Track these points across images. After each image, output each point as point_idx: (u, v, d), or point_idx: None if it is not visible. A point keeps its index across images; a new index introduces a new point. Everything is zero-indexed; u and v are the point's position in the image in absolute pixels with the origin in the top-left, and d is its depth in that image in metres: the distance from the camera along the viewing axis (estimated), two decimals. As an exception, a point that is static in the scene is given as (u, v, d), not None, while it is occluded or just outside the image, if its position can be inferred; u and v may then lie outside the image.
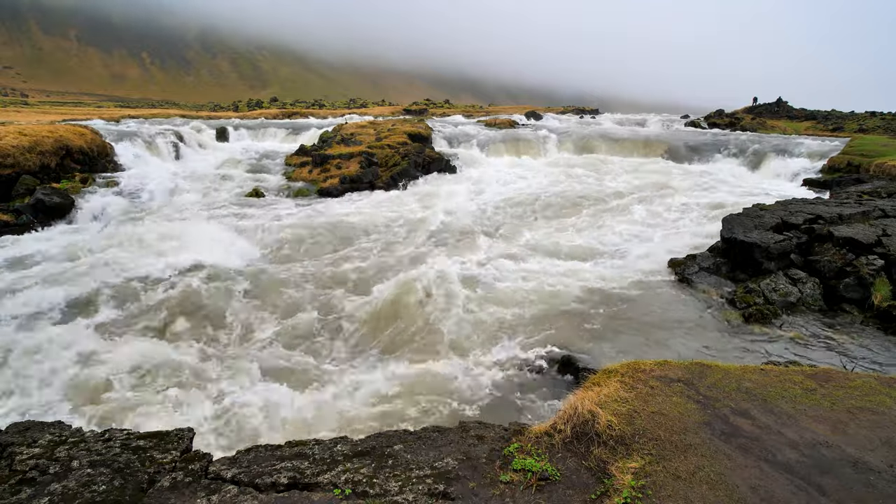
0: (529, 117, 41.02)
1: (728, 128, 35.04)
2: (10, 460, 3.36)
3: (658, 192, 17.02)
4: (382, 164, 19.83)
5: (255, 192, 16.81)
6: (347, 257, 11.13)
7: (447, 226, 13.31)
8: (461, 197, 16.63)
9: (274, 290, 9.26)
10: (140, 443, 3.61)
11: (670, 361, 4.56)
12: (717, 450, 3.34)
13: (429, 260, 10.64)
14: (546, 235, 12.75)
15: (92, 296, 8.59)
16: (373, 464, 3.37)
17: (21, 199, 13.81)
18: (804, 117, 37.33)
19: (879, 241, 8.40)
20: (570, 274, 9.74)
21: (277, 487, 3.16)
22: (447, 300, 8.51)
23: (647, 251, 11.12)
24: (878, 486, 3.06)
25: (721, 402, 3.89)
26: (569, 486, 3.16)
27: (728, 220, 10.27)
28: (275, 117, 36.60)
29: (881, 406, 3.87)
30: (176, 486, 3.15)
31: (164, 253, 10.44)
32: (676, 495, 2.97)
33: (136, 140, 20.73)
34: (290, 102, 74.71)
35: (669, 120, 40.86)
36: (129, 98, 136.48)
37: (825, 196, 14.66)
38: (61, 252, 10.61)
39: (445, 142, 25.21)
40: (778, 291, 8.11)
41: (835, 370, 4.54)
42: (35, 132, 16.08)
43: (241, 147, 24.61)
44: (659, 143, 25.15)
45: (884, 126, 30.49)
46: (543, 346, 6.94)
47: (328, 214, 14.18)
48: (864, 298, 7.75)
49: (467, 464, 3.37)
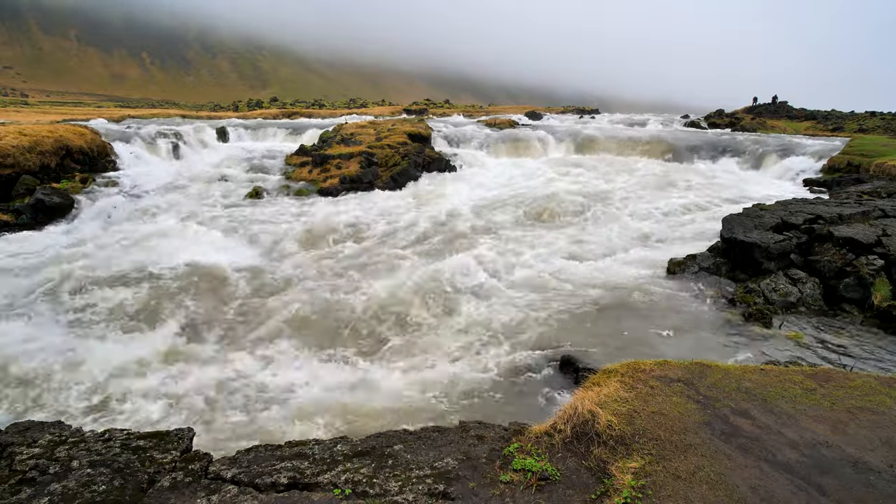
0: (530, 117, 41.01)
1: (728, 128, 35.01)
2: (10, 460, 3.36)
3: (658, 192, 17.01)
4: (382, 163, 19.83)
5: (255, 192, 16.80)
6: (347, 257, 11.13)
7: (447, 225, 13.31)
8: (461, 197, 16.62)
9: (274, 290, 9.26)
10: (140, 443, 3.60)
11: (670, 361, 4.56)
12: (717, 450, 3.34)
13: (428, 260, 10.64)
14: (546, 235, 12.75)
15: (92, 295, 8.60)
16: (373, 464, 3.37)
17: (21, 199, 13.81)
18: (804, 117, 37.30)
19: (879, 241, 8.39)
20: (569, 273, 9.73)
21: (277, 487, 3.16)
22: (447, 300, 8.51)
23: (647, 251, 11.12)
24: (878, 486, 3.06)
25: (721, 402, 3.89)
26: (569, 485, 3.16)
27: (728, 220, 10.27)
28: (275, 117, 36.59)
29: (881, 406, 3.87)
30: (176, 486, 3.15)
31: (163, 252, 10.44)
32: (676, 495, 2.97)
33: (136, 140, 20.74)
34: (290, 102, 74.68)
35: (669, 120, 40.82)
36: (129, 98, 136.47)
37: (825, 196, 14.66)
38: (61, 251, 10.61)
39: (445, 142, 25.21)
40: (778, 291, 8.11)
41: (835, 370, 4.54)
42: (35, 132, 16.08)
43: (241, 147, 24.59)
44: (659, 143, 25.12)
45: (884, 126, 30.48)
46: (543, 346, 6.94)
47: (328, 214, 14.17)
48: (864, 298, 7.75)
49: (467, 464, 3.37)
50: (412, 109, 50.71)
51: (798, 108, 39.97)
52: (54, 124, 18.44)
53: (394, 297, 8.69)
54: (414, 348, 7.40)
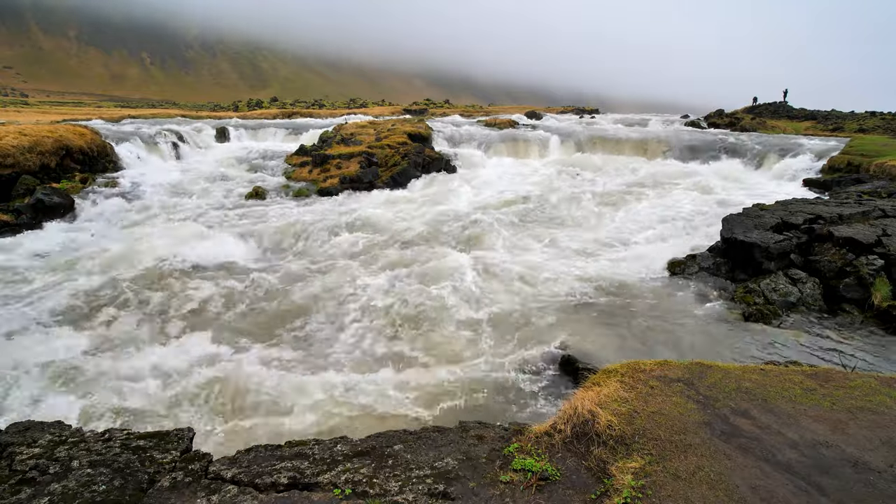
0: (530, 117, 41.01)
1: (728, 128, 35.03)
2: (10, 460, 3.36)
3: (657, 192, 17.02)
4: (382, 163, 19.83)
5: (255, 192, 16.80)
6: (346, 256, 11.13)
7: (447, 225, 13.31)
8: (461, 196, 16.63)
9: (273, 289, 9.26)
10: (140, 443, 3.61)
11: (670, 361, 4.56)
12: (717, 450, 3.34)
13: (428, 259, 10.64)
14: (546, 235, 12.75)
15: (92, 295, 8.60)
16: (373, 464, 3.37)
17: (21, 199, 13.81)
18: (804, 117, 37.29)
19: (879, 241, 8.39)
20: (569, 274, 9.73)
21: (277, 487, 3.16)
22: (446, 300, 8.51)
23: (647, 251, 11.12)
24: (878, 486, 3.06)
25: (721, 402, 3.89)
26: (569, 486, 3.16)
27: (728, 220, 10.27)
28: (275, 117, 36.59)
29: (881, 406, 3.87)
30: (176, 486, 3.15)
31: (163, 252, 10.44)
32: (676, 495, 2.97)
33: (136, 140, 20.73)
34: (290, 102, 74.70)
35: (669, 120, 40.86)
36: (129, 98, 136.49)
37: (825, 196, 14.65)
38: (60, 251, 10.61)
39: (445, 142, 25.19)
40: (778, 291, 8.11)
41: (835, 370, 4.53)
42: (35, 132, 16.08)
43: (241, 147, 24.59)
44: (659, 143, 25.12)
45: (884, 126, 30.48)
46: (543, 346, 6.94)
47: (328, 214, 14.18)
48: (864, 298, 7.75)
49: (467, 464, 3.37)
50: (412, 109, 50.73)
51: (798, 108, 39.98)
52: (54, 124, 18.44)
53: (392, 297, 8.69)
54: (411, 347, 7.39)
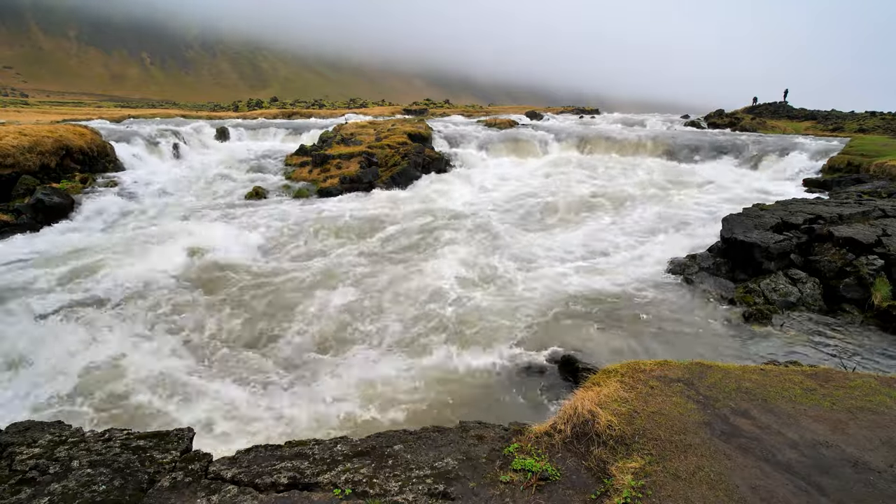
0: (530, 117, 41.02)
1: (728, 128, 35.04)
2: (10, 460, 3.36)
3: (658, 192, 17.01)
4: (382, 164, 19.82)
5: (255, 192, 16.80)
6: (345, 255, 11.12)
7: (446, 225, 13.31)
8: (461, 197, 16.63)
9: (273, 288, 9.26)
10: (140, 443, 3.60)
11: (670, 361, 4.56)
12: (717, 450, 3.34)
13: (427, 259, 10.64)
14: (546, 235, 12.75)
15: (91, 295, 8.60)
16: (373, 464, 3.36)
17: (21, 199, 13.81)
18: (804, 117, 37.28)
19: (879, 241, 8.39)
20: (570, 274, 9.73)
21: (277, 487, 3.15)
22: (446, 300, 8.51)
23: (646, 251, 11.11)
24: (878, 486, 3.06)
25: (721, 402, 3.89)
26: (569, 486, 3.16)
27: (728, 220, 10.26)
28: (275, 117, 36.61)
29: (881, 406, 3.86)
30: (176, 486, 3.15)
31: (162, 252, 10.44)
32: (676, 495, 2.97)
33: (136, 140, 20.73)
34: (290, 102, 74.70)
35: (669, 120, 40.85)
36: (129, 98, 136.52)
37: (825, 196, 14.65)
38: (60, 251, 10.61)
39: (445, 142, 25.19)
40: (778, 291, 8.11)
41: (835, 370, 4.53)
42: (35, 132, 16.08)
43: (241, 147, 24.59)
44: (659, 143, 25.12)
45: (884, 126, 30.47)
46: (543, 346, 6.94)
47: (328, 214, 14.18)
48: (864, 298, 7.74)
49: (467, 464, 3.36)
50: (412, 109, 50.73)
51: (798, 108, 39.96)
52: (54, 124, 18.44)
53: (391, 296, 8.69)
54: (411, 348, 7.39)
